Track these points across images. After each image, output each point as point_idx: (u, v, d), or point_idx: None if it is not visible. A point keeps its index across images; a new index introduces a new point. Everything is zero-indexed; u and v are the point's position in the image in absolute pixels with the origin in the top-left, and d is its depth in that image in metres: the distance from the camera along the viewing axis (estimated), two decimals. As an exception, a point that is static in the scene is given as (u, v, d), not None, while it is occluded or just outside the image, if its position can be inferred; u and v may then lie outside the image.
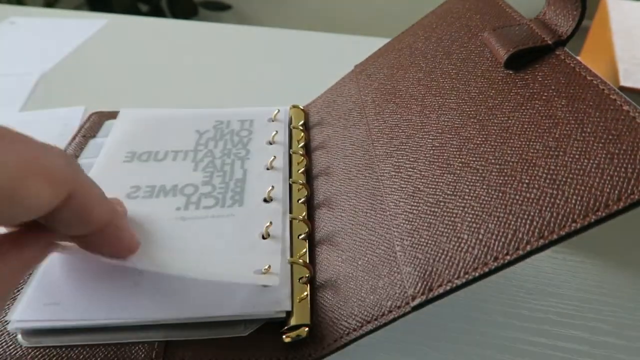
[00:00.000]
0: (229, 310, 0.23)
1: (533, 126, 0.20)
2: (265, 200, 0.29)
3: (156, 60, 0.51)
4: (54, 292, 0.24)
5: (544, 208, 0.17)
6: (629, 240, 0.30)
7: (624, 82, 0.31)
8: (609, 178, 0.16)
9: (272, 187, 0.29)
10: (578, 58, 0.20)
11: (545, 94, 0.20)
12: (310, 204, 0.29)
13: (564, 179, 0.17)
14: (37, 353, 0.22)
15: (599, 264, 0.28)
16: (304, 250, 0.26)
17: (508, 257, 0.17)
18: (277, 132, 0.34)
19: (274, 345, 0.23)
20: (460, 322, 0.25)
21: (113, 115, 0.38)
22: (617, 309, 0.26)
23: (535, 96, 0.20)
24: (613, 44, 0.35)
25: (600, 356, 0.24)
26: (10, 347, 0.22)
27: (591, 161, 0.17)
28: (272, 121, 0.36)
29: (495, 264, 0.18)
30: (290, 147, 0.33)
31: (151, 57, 0.52)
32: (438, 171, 0.22)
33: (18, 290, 0.25)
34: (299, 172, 0.31)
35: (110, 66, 0.50)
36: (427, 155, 0.24)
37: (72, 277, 0.25)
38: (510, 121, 0.21)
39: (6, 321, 0.23)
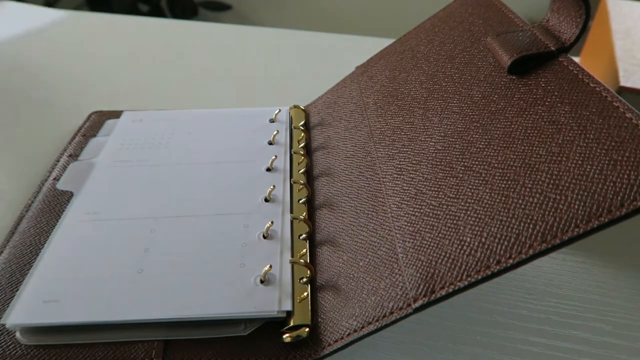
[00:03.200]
0: (229, 310, 0.23)
1: (536, 131, 0.20)
2: (266, 200, 0.29)
3: (156, 60, 0.51)
4: (53, 289, 0.24)
5: (547, 212, 0.17)
6: (629, 240, 0.30)
7: (624, 82, 0.31)
8: (611, 184, 0.16)
9: (273, 186, 0.30)
10: (580, 65, 0.20)
11: (549, 100, 0.20)
12: (311, 205, 0.29)
13: (567, 184, 0.17)
14: (37, 352, 0.22)
15: (599, 264, 0.29)
16: (305, 250, 0.26)
17: (511, 261, 0.17)
18: (277, 132, 0.34)
19: (274, 345, 0.23)
20: (460, 322, 0.26)
21: (113, 114, 0.38)
22: (617, 309, 0.26)
23: (539, 102, 0.21)
24: (613, 44, 0.35)
25: (600, 356, 0.24)
26: (10, 346, 0.22)
27: (594, 167, 0.17)
28: (273, 121, 0.36)
29: (498, 267, 0.18)
30: (290, 147, 0.33)
31: (151, 57, 0.52)
32: (441, 174, 0.23)
33: (17, 288, 0.24)
34: (300, 172, 0.31)
35: (110, 66, 0.50)
36: (429, 158, 0.24)
37: (72, 275, 0.24)
38: (513, 126, 0.21)
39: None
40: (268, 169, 0.31)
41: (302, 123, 0.35)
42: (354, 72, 0.36)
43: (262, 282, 0.24)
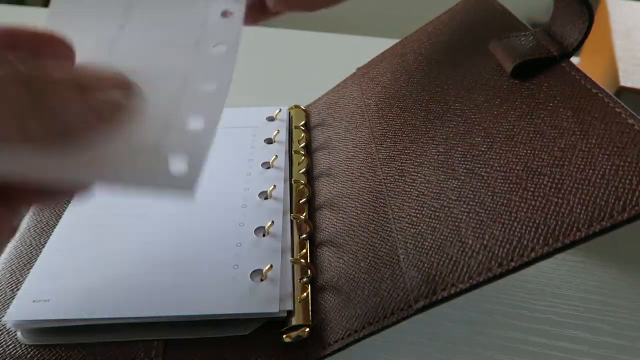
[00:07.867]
0: (231, 309, 0.23)
1: (538, 136, 0.20)
2: (266, 199, 0.29)
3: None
4: (44, 288, 0.23)
5: (549, 216, 0.17)
6: (629, 240, 0.30)
7: (624, 82, 0.30)
8: (613, 189, 0.16)
9: (274, 186, 0.30)
10: (582, 70, 0.21)
11: (551, 104, 0.21)
12: (311, 205, 0.29)
13: (569, 189, 0.17)
14: (37, 352, 0.22)
15: (599, 264, 0.29)
16: (305, 250, 0.26)
17: (512, 264, 0.18)
18: (278, 131, 0.34)
19: (274, 345, 0.23)
20: (460, 322, 0.26)
21: None
22: (617, 309, 0.26)
23: (541, 106, 0.21)
24: (613, 44, 0.34)
25: (600, 356, 0.24)
26: (10, 346, 0.22)
27: (596, 172, 0.17)
28: (273, 120, 0.36)
29: (500, 269, 0.18)
30: (290, 147, 0.34)
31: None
32: (442, 176, 0.23)
33: (17, 287, 0.24)
34: (300, 172, 0.31)
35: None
36: (431, 160, 0.24)
37: (65, 274, 0.24)
38: (515, 130, 0.21)
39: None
40: (268, 168, 0.31)
41: (302, 123, 0.35)
42: (355, 73, 0.36)
43: (262, 281, 0.24)
